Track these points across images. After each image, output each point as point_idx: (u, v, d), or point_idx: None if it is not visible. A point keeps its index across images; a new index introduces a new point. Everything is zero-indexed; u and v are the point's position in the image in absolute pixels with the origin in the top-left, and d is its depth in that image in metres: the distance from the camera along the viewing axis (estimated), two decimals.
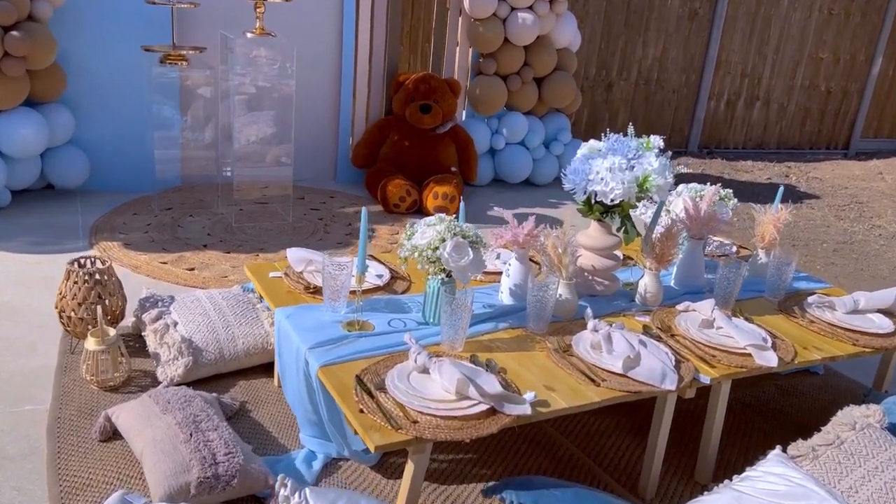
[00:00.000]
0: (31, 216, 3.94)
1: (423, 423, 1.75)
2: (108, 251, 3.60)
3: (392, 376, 1.91)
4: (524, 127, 5.25)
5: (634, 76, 6.97)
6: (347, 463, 2.23)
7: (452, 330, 2.09)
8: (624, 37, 6.80)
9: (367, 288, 2.44)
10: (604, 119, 7.01)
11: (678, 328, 2.36)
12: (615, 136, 2.46)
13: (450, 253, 2.10)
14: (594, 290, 2.52)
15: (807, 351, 2.35)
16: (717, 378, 2.14)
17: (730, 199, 2.90)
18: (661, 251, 2.48)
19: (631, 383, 2.03)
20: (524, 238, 2.34)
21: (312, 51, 4.79)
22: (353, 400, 1.82)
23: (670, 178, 2.36)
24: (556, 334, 2.27)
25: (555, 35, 5.23)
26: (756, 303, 2.68)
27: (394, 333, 2.17)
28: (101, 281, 2.64)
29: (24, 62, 3.70)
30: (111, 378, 2.50)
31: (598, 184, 2.32)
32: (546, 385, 1.99)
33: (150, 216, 4.10)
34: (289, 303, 2.32)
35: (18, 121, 3.82)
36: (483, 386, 1.85)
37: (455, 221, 2.20)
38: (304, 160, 4.99)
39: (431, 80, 4.82)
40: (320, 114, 4.96)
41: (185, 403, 2.16)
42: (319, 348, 2.05)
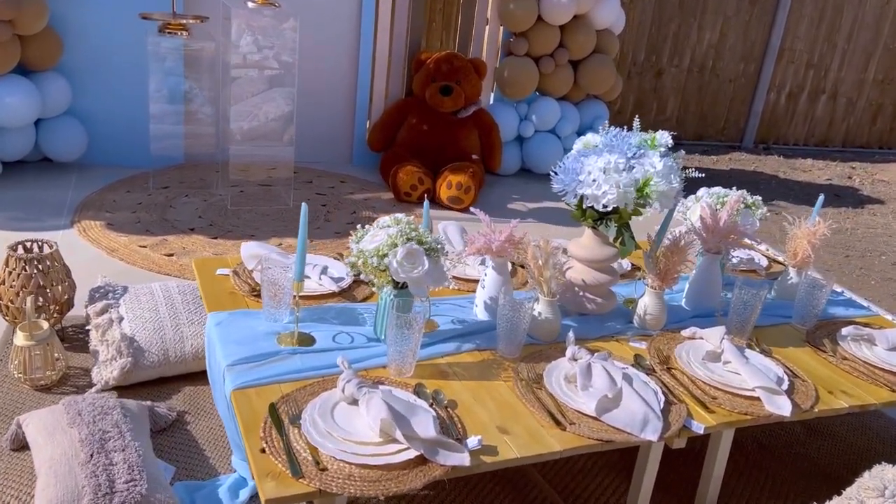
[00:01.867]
0: (20, 189, 3.77)
1: (332, 472, 1.45)
2: (89, 231, 3.39)
3: (313, 408, 1.61)
4: (556, 113, 4.87)
5: (687, 63, 6.48)
6: None
7: (399, 352, 1.78)
8: (677, 20, 6.31)
9: (321, 293, 2.15)
10: (651, 108, 6.55)
11: (677, 360, 2.00)
12: (616, 129, 2.10)
13: (400, 261, 1.78)
14: (584, 309, 2.17)
15: (832, 396, 1.96)
16: (714, 427, 1.78)
17: (758, 208, 2.50)
18: (666, 267, 2.11)
19: (604, 429, 1.69)
20: (499, 245, 2.01)
21: (329, 26, 4.50)
22: (257, 435, 1.53)
23: (677, 184, 1.99)
24: (530, 360, 1.93)
25: (594, 15, 4.81)
26: (780, 331, 2.30)
27: (336, 351, 1.87)
28: (44, 268, 2.41)
29: (10, 26, 3.50)
30: (43, 377, 2.27)
31: (590, 186, 1.97)
32: (500, 426, 1.67)
33: (143, 195, 3.89)
34: (227, 306, 2.05)
35: (5, 88, 3.64)
36: (416, 427, 1.54)
37: (412, 223, 1.88)
38: (320, 142, 4.72)
39: (454, 59, 4.48)
40: (337, 93, 4.67)
41: (98, 416, 1.91)
42: (241, 365, 1.77)
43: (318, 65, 4.56)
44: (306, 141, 4.65)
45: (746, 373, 1.92)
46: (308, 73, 4.55)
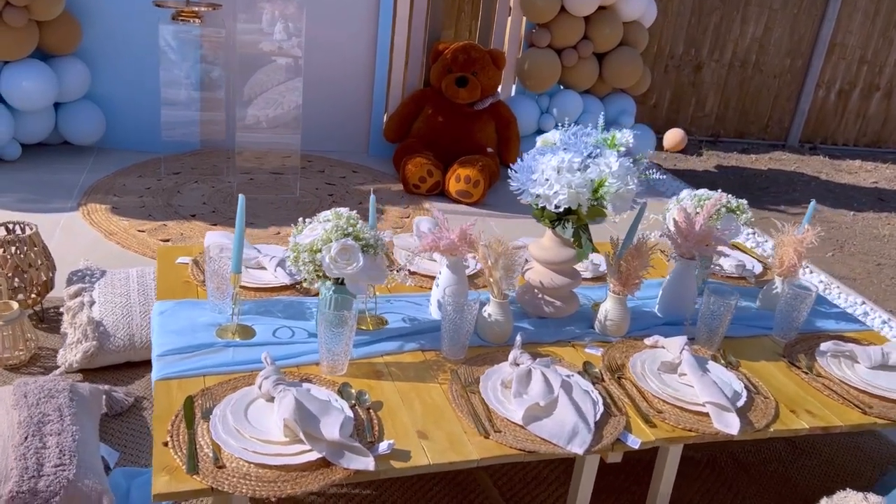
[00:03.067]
0: (36, 172, 3.87)
1: (229, 470, 1.43)
2: (93, 214, 3.46)
3: (227, 403, 1.59)
4: (578, 107, 4.75)
5: (728, 57, 6.25)
6: None
7: (329, 350, 1.74)
8: (719, 12, 6.08)
9: (275, 286, 2.13)
10: (689, 104, 6.34)
11: (630, 370, 1.91)
12: (577, 127, 2.01)
13: (333, 258, 1.74)
14: (542, 312, 2.10)
15: (793, 416, 1.85)
16: (652, 442, 1.69)
17: (743, 212, 2.37)
18: (627, 272, 2.02)
19: (529, 439, 1.63)
20: (447, 244, 1.95)
21: (348, 15, 4.49)
22: (165, 428, 1.52)
23: (633, 185, 1.89)
24: (473, 363, 1.88)
25: (622, 6, 4.67)
26: (757, 343, 2.18)
27: (272, 346, 1.85)
28: (21, 250, 2.46)
29: (26, 12, 3.59)
30: (12, 356, 2.32)
31: (542, 185, 1.89)
32: (421, 431, 1.62)
33: (153, 180, 3.95)
34: (178, 295, 2.04)
35: (22, 72, 3.73)
36: (322, 429, 1.50)
37: (353, 218, 1.84)
38: (337, 131, 4.72)
39: (472, 50, 4.40)
40: (354, 83, 4.65)
41: (44, 398, 1.93)
42: (171, 356, 1.76)
43: (335, 54, 4.55)
44: (323, 130, 4.66)
45: (699, 386, 1.83)
46: (326, 63, 4.55)
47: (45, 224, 3.31)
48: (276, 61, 3.76)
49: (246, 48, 3.70)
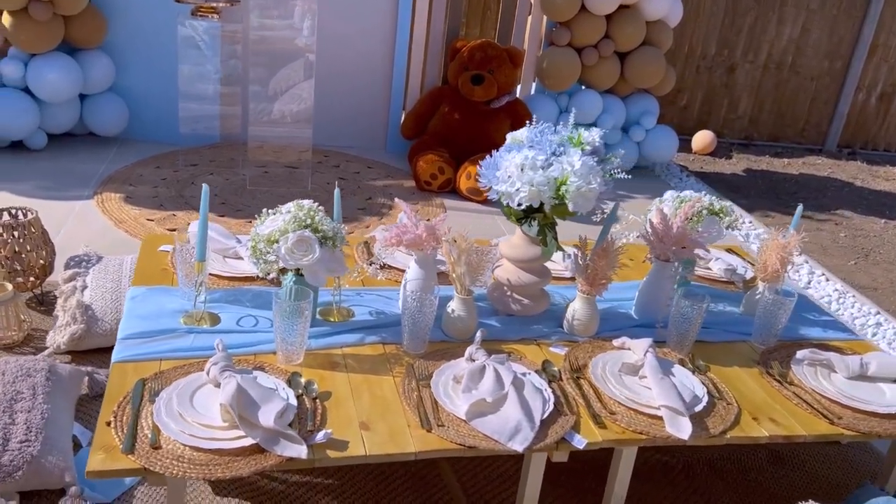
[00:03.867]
0: (59, 161, 4.01)
1: (164, 452, 1.47)
2: (106, 202, 3.57)
3: (176, 387, 1.63)
4: (597, 107, 4.70)
5: (763, 58, 6.11)
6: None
7: (283, 340, 1.77)
8: (754, 12, 5.95)
9: (250, 275, 2.16)
10: (721, 105, 6.22)
11: (591, 370, 1.90)
12: (546, 124, 1.99)
13: (289, 249, 1.77)
14: (510, 309, 2.09)
15: (755, 423, 1.81)
16: (599, 443, 1.68)
17: (726, 215, 2.32)
18: (594, 272, 2.01)
19: (472, 435, 1.63)
20: (409, 239, 1.96)
21: (367, 12, 4.53)
22: (111, 408, 1.57)
23: (596, 185, 1.87)
24: (432, 358, 1.89)
25: (645, 5, 4.61)
26: (734, 349, 2.14)
27: (235, 333, 1.89)
28: (20, 234, 2.56)
29: (51, 6, 3.71)
30: (5, 336, 2.41)
31: (505, 182, 1.89)
32: (364, 422, 1.63)
33: (170, 171, 4.05)
34: (153, 282, 2.10)
35: (47, 65, 3.86)
36: (260, 416, 1.53)
37: (314, 210, 1.87)
38: (355, 127, 4.77)
39: (489, 48, 4.40)
40: (373, 79, 4.69)
41: (20, 377, 2.01)
42: (133, 339, 1.81)
43: (355, 51, 4.60)
44: (341, 126, 4.71)
45: (656, 389, 1.80)
46: (345, 59, 4.60)
47: (59, 211, 3.43)
48: (288, 56, 3.82)
49: (259, 43, 3.76)
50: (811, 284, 3.74)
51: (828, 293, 3.64)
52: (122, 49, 4.23)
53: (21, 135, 3.97)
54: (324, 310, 2.03)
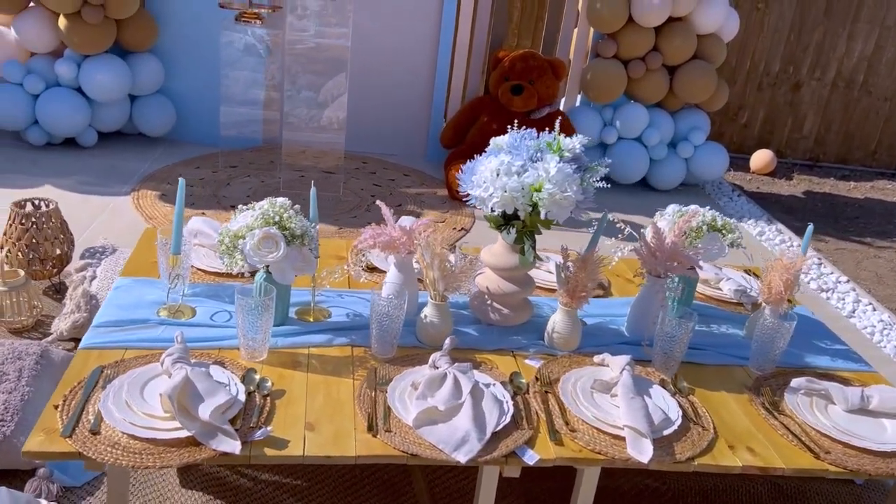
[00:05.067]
0: (106, 158, 4.17)
1: (101, 438, 1.48)
2: (141, 199, 3.68)
3: (129, 376, 1.65)
4: (642, 121, 4.58)
5: (832, 76, 5.83)
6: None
7: (245, 336, 1.77)
8: (822, 28, 5.69)
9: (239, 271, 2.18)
10: (785, 123, 5.97)
11: (560, 385, 1.82)
12: (529, 131, 1.94)
13: (254, 245, 1.77)
14: (488, 318, 2.04)
15: (730, 452, 1.70)
16: (553, 460, 1.61)
17: (729, 231, 2.20)
18: (574, 284, 1.93)
19: (417, 442, 1.58)
20: (383, 241, 1.93)
21: (410, 21, 4.55)
22: (63, 392, 1.60)
23: (572, 193, 1.80)
24: (400, 363, 1.85)
25: (696, 18, 4.47)
26: (730, 373, 2.02)
27: (205, 327, 1.90)
28: (38, 224, 2.66)
29: (102, 10, 3.87)
30: (16, 321, 2.50)
31: (479, 187, 1.84)
32: (311, 423, 1.61)
33: (208, 171, 4.15)
34: (142, 274, 2.14)
35: (98, 66, 4.03)
36: (199, 409, 1.53)
37: (285, 207, 1.87)
38: (396, 135, 4.79)
39: (531, 58, 4.35)
40: (415, 88, 4.71)
41: (10, 358, 2.08)
42: (106, 328, 1.85)
43: (398, 60, 4.63)
44: (383, 133, 4.74)
45: (624, 409, 1.71)
46: (388, 68, 4.63)
47: (95, 205, 3.57)
48: (323, 63, 3.86)
49: (295, 49, 3.82)
50: (855, 313, 3.53)
51: (872, 323, 3.42)
52: (172, 53, 4.38)
53: (73, 132, 4.16)
54: (301, 309, 2.03)
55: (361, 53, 4.53)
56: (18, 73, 4.02)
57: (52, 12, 3.93)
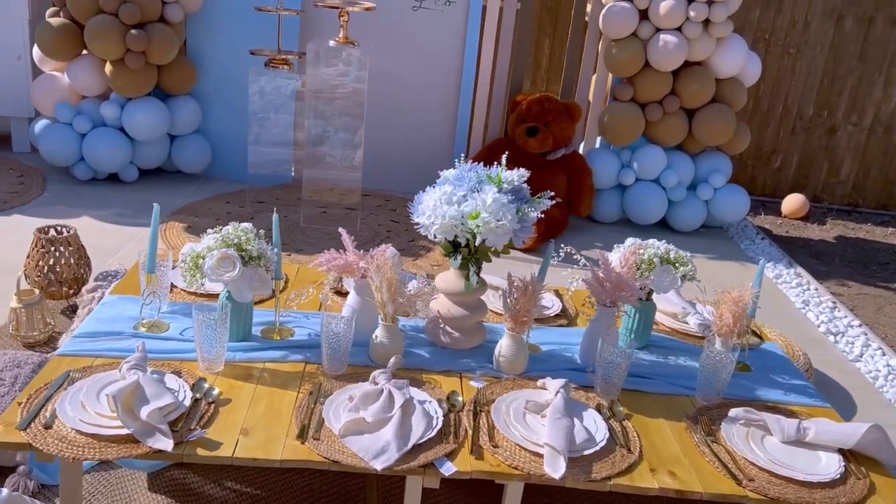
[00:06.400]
0: (143, 192, 4.47)
1: (52, 433, 1.64)
2: (168, 230, 3.94)
3: (92, 379, 1.82)
4: (659, 163, 4.63)
5: (869, 121, 5.75)
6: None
7: (202, 349, 1.93)
8: (857, 72, 5.64)
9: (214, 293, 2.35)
10: (821, 168, 5.89)
11: (494, 405, 1.90)
12: (473, 164, 2.06)
13: (212, 265, 1.94)
14: (440, 341, 2.14)
15: (651, 474, 1.74)
16: (468, 472, 1.69)
17: (682, 265, 2.25)
18: (517, 311, 2.02)
19: (340, 451, 1.69)
20: (339, 265, 2.07)
21: (433, 65, 4.75)
22: (29, 391, 1.78)
23: (507, 221, 1.91)
24: (347, 380, 1.97)
25: (715, 62, 4.53)
26: (675, 402, 2.06)
27: (172, 341, 2.06)
28: (57, 249, 2.90)
29: (143, 57, 4.20)
30: (29, 336, 2.73)
31: (423, 215, 1.97)
32: (247, 428, 1.74)
33: (237, 206, 4.40)
34: (129, 293, 2.32)
35: (139, 108, 4.35)
36: (142, 409, 1.68)
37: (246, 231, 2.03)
38: (419, 174, 4.93)
39: (546, 102, 4.48)
40: (437, 129, 4.89)
41: (9, 366, 2.28)
42: (83, 338, 2.03)
43: (421, 101, 4.82)
44: (406, 172, 4.92)
45: (547, 428, 1.78)
46: (412, 109, 4.83)
47: (125, 235, 3.84)
48: (342, 105, 4.08)
49: (317, 91, 4.05)
50: (863, 357, 3.46)
51: (877, 368, 3.35)
52: (209, 95, 4.69)
53: (116, 168, 4.48)
54: (266, 328, 2.17)
55: (386, 96, 4.75)
56: (69, 114, 4.37)
57: (100, 59, 4.29)
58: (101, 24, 4.13)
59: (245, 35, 4.53)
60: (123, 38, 4.11)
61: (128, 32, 4.11)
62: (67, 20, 4.26)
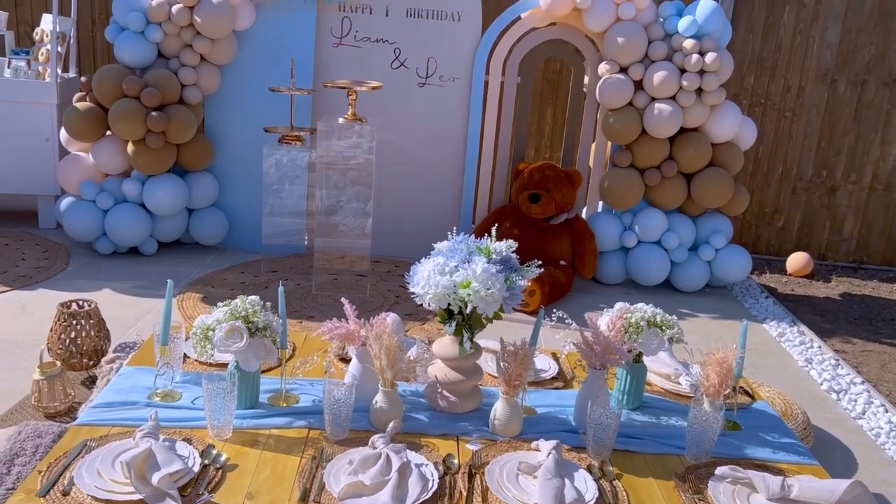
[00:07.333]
0: (162, 265, 4.65)
1: (70, 499, 1.75)
2: (185, 301, 4.09)
3: (107, 448, 1.94)
4: (660, 225, 4.75)
5: (868, 179, 5.87)
6: None
7: (211, 417, 2.04)
8: (853, 133, 5.78)
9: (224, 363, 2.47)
10: (823, 226, 5.98)
11: (489, 467, 1.99)
12: (464, 235, 2.19)
13: (221, 337, 2.07)
14: (437, 405, 2.24)
15: None
16: None
17: (668, 327, 2.34)
18: (509, 374, 2.13)
19: None
20: (340, 334, 2.19)
21: (440, 139, 4.96)
22: (48, 460, 1.89)
23: (496, 290, 2.03)
24: (349, 444, 2.07)
25: (710, 128, 4.69)
26: (665, 461, 2.13)
27: (184, 409, 2.18)
28: (79, 322, 3.05)
29: (163, 136, 4.43)
30: (50, 406, 2.86)
31: (418, 285, 2.10)
32: (252, 492, 1.84)
33: (251, 276, 4.56)
34: (146, 364, 2.45)
35: (159, 184, 4.57)
36: (154, 475, 1.79)
37: (254, 304, 2.16)
38: (427, 241, 5.08)
39: (547, 169, 4.65)
40: (444, 198, 5.06)
41: (31, 436, 2.40)
42: (100, 408, 2.15)
43: (429, 172, 5.01)
44: (414, 238, 5.06)
45: (538, 488, 1.87)
46: (419, 179, 5.02)
47: (143, 306, 3.99)
48: (350, 177, 4.27)
49: (327, 165, 4.25)
50: (865, 415, 3.50)
51: (879, 425, 3.39)
52: (225, 170, 4.91)
53: (135, 242, 4.67)
54: (273, 395, 2.28)
55: (395, 167, 4.95)
56: (92, 192, 4.60)
57: (122, 140, 4.53)
58: (124, 107, 4.38)
59: (259, 113, 4.77)
60: (145, 119, 4.35)
61: (149, 114, 4.35)
62: (93, 104, 4.52)
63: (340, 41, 4.88)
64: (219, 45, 4.61)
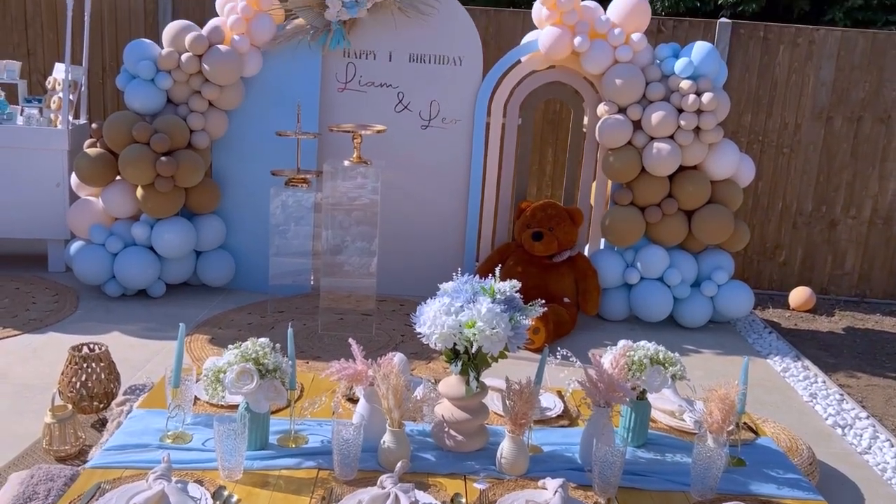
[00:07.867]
0: (170, 306, 4.70)
1: None
2: (193, 342, 4.13)
3: (121, 490, 1.97)
4: (662, 262, 4.80)
5: (868, 214, 5.92)
6: None
7: (222, 458, 2.07)
8: (851, 168, 5.86)
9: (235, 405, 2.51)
10: (825, 261, 6.03)
11: None
12: (469, 276, 2.25)
13: (232, 380, 2.11)
14: (444, 444, 2.27)
15: None
16: None
17: (671, 365, 2.38)
18: (515, 413, 2.16)
19: None
20: (347, 374, 2.24)
21: (443, 179, 5.04)
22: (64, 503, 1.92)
23: (501, 329, 2.07)
24: (357, 484, 2.10)
25: (709, 166, 4.77)
26: (671, 498, 2.16)
27: (195, 451, 2.21)
28: (90, 366, 3.09)
29: (172, 181, 4.52)
30: (61, 449, 2.89)
31: (424, 325, 2.15)
32: None
33: (258, 317, 4.60)
34: (157, 405, 2.49)
35: (167, 227, 4.65)
36: None
37: (264, 346, 2.21)
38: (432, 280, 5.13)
39: (549, 208, 4.72)
40: (449, 237, 5.13)
41: (43, 480, 2.43)
42: (113, 450, 2.19)
43: (430, 211, 5.09)
44: (420, 277, 5.13)
45: None
46: (423, 219, 5.10)
47: (152, 349, 4.03)
48: (356, 217, 4.34)
49: (333, 207, 4.32)
50: (871, 450, 3.50)
51: (885, 460, 3.39)
52: (233, 212, 4.99)
53: (144, 285, 4.73)
54: (282, 436, 2.32)
55: (399, 207, 5.03)
56: (102, 236, 4.67)
57: (131, 185, 4.61)
58: (133, 152, 4.47)
59: (266, 157, 4.87)
60: (154, 164, 4.45)
61: (158, 159, 4.45)
62: (103, 150, 4.62)
63: (345, 86, 4.99)
64: (227, 92, 4.73)
